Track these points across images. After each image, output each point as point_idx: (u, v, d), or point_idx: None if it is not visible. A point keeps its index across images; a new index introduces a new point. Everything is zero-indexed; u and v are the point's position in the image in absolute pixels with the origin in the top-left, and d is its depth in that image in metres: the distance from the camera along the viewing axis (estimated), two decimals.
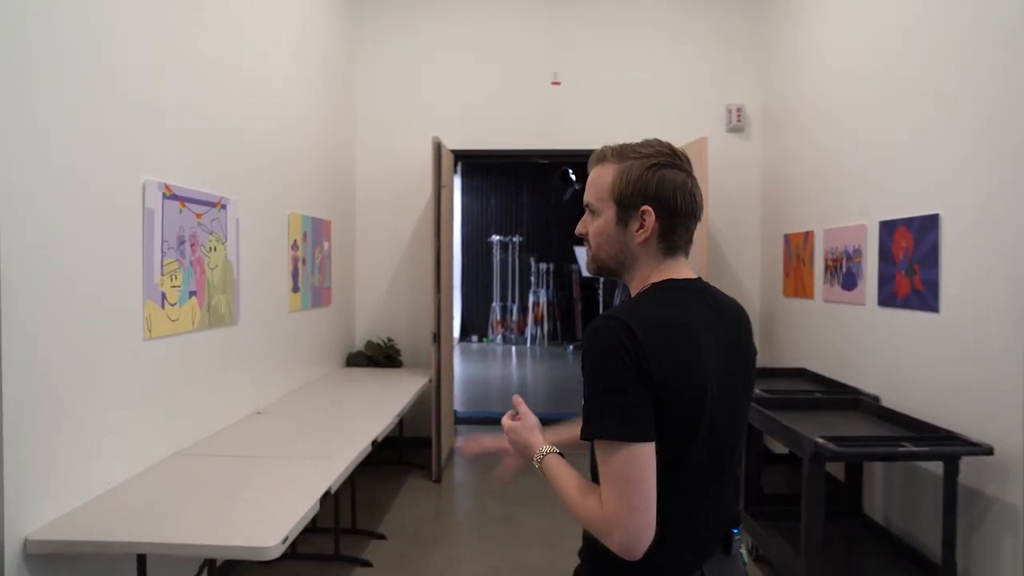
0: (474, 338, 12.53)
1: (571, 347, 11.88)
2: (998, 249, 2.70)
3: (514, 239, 12.61)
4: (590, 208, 1.32)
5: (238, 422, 3.29)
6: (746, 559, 1.32)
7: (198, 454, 2.76)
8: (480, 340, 12.49)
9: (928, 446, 2.69)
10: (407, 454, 5.10)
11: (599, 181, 1.29)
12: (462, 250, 12.20)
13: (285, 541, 1.95)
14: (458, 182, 11.08)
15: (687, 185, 1.26)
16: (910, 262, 3.26)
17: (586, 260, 1.38)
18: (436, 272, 4.78)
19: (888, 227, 3.46)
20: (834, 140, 4.17)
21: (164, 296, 2.65)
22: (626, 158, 1.27)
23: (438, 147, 4.76)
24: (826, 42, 4.32)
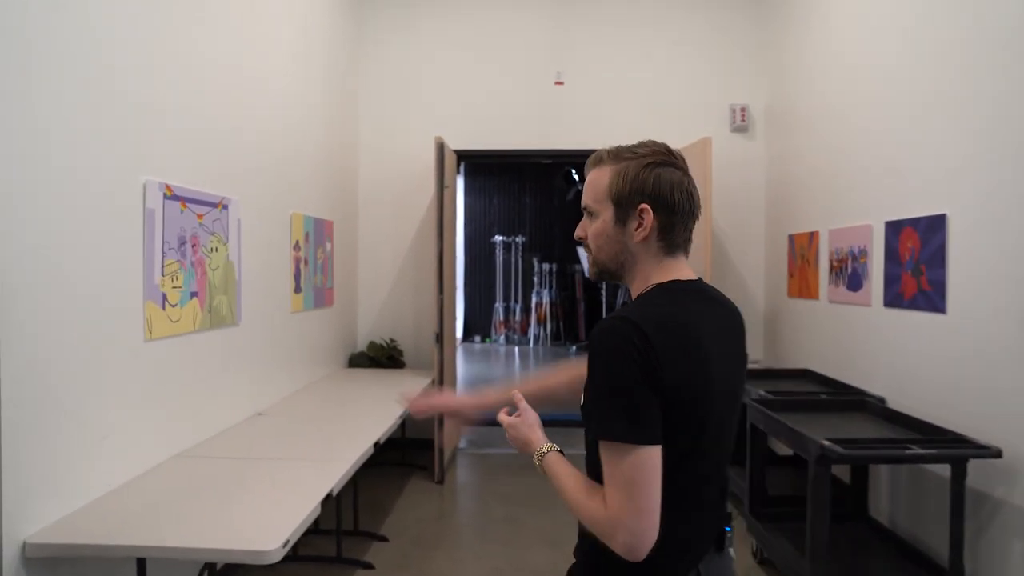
0: (477, 339, 12.51)
1: (574, 348, 11.84)
2: (1006, 250, 2.67)
3: (517, 239, 12.58)
4: (588, 210, 1.33)
5: (239, 423, 3.28)
6: (733, 555, 1.34)
7: (199, 456, 2.75)
8: (483, 341, 12.46)
9: (935, 448, 2.66)
10: (409, 455, 5.08)
11: (596, 183, 1.30)
12: (465, 250, 12.18)
13: (286, 545, 1.93)
14: (461, 182, 11.06)
15: (684, 183, 1.27)
16: (916, 263, 3.23)
17: (588, 265, 1.38)
18: (439, 272, 4.77)
19: (894, 227, 3.43)
20: (839, 140, 4.14)
21: (165, 297, 2.64)
22: (622, 159, 1.28)
23: (441, 147, 4.74)
24: (829, 41, 4.30)
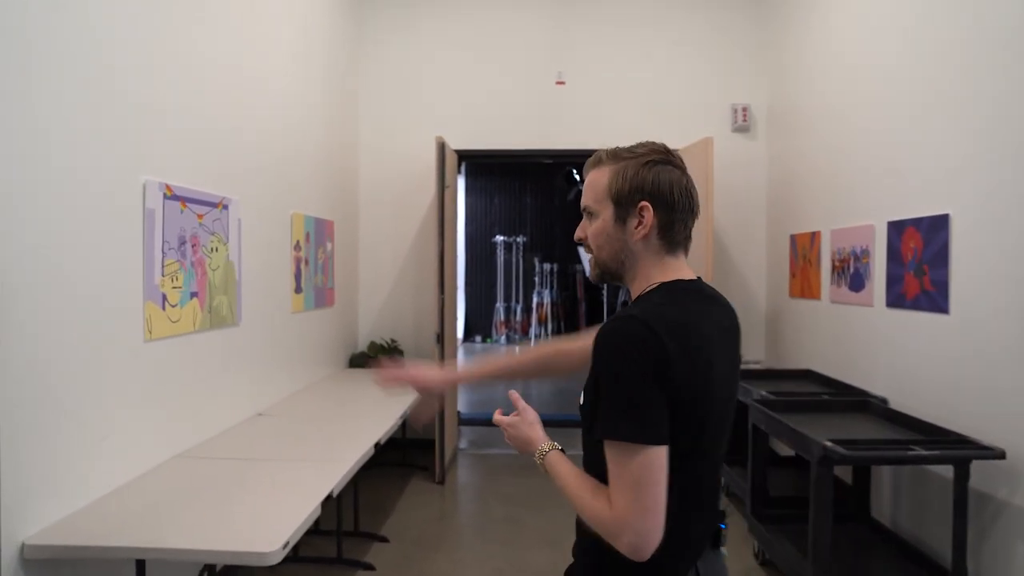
0: (478, 339, 12.49)
1: None
2: (1007, 250, 2.66)
3: (518, 239, 12.57)
4: (588, 211, 1.33)
5: (239, 424, 3.27)
6: (725, 552, 1.34)
7: (199, 456, 2.74)
8: (484, 341, 12.45)
9: (938, 450, 2.65)
10: (410, 456, 5.07)
11: (596, 183, 1.31)
12: (466, 250, 12.17)
13: (286, 547, 1.93)
14: (462, 182, 11.06)
15: (683, 181, 1.28)
16: (919, 263, 3.22)
17: (589, 267, 1.38)
18: (440, 272, 4.76)
19: (897, 227, 3.42)
20: (840, 139, 4.13)
21: (165, 297, 2.63)
22: (621, 159, 1.29)
23: (442, 147, 4.73)
24: (829, 41, 4.29)
